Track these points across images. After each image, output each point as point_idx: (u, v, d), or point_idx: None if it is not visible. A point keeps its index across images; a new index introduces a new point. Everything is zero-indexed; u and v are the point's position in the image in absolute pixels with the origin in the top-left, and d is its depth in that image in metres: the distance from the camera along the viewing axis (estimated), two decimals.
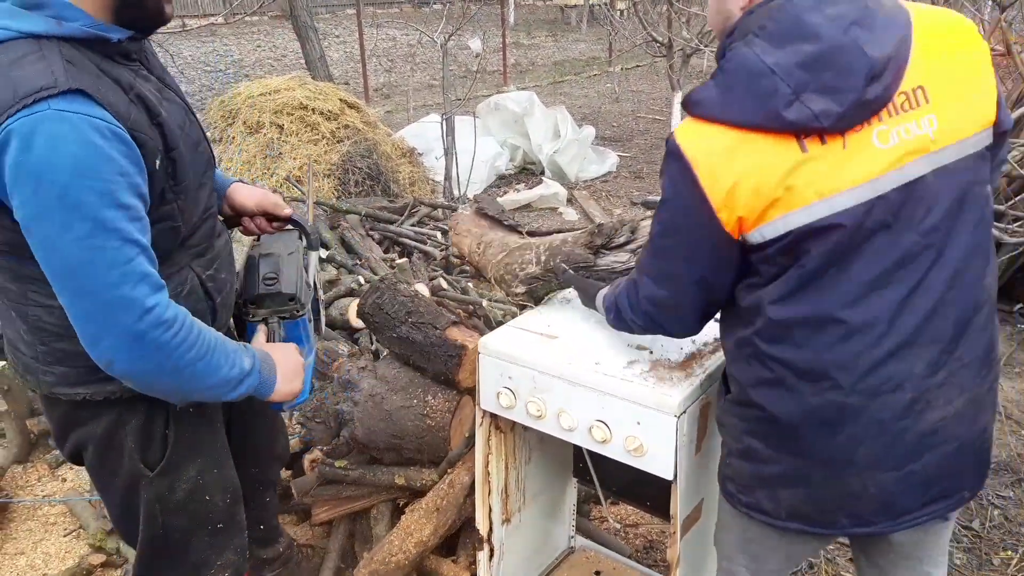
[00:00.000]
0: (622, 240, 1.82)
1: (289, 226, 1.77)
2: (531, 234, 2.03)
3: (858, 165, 1.17)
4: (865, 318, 1.20)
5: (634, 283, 1.43)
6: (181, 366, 1.28)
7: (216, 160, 1.66)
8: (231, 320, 1.68)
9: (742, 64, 1.18)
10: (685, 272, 1.30)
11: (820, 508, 1.31)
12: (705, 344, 1.67)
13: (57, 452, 2.94)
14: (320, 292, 1.65)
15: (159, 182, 1.31)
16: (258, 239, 1.77)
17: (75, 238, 1.15)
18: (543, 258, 1.88)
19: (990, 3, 5.46)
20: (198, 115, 1.58)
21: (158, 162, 1.28)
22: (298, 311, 1.60)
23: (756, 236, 1.20)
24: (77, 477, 2.88)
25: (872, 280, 1.19)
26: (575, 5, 17.76)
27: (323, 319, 1.69)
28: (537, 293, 1.93)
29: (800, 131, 1.15)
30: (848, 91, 1.13)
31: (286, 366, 1.50)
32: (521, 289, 1.91)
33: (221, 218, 1.68)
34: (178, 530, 1.58)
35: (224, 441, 1.67)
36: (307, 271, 1.66)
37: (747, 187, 1.17)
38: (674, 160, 1.22)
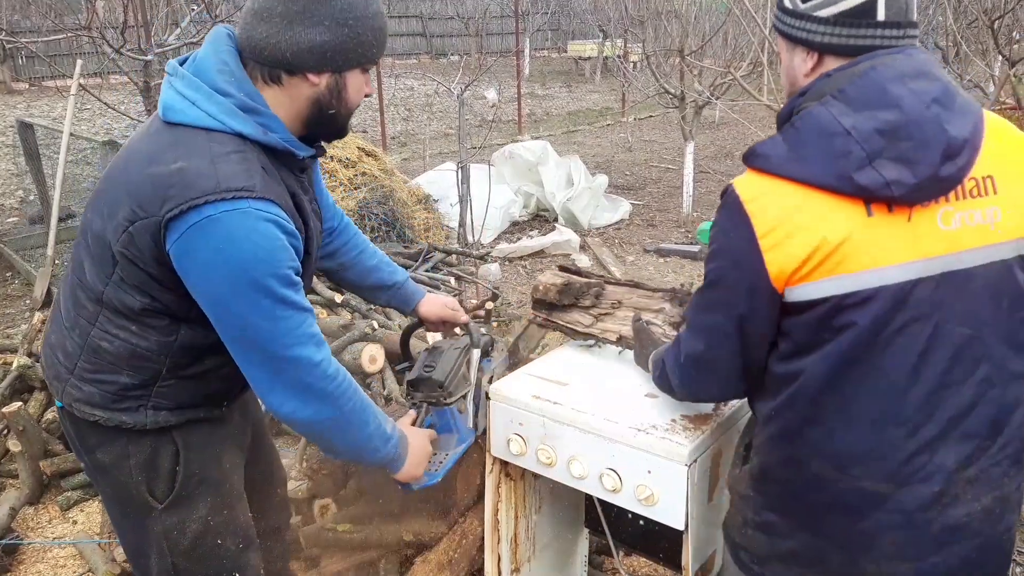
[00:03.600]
0: (587, 303, 1.94)
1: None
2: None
3: (918, 241, 1.15)
4: (902, 408, 1.18)
5: (678, 340, 1.42)
6: (340, 414, 1.48)
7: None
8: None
9: (816, 123, 1.16)
10: (724, 321, 1.27)
11: None
12: None
13: (69, 494, 2.95)
14: (482, 390, 1.82)
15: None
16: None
17: (262, 312, 1.37)
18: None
19: (1000, 58, 5.52)
20: None
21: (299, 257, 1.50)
22: (445, 399, 1.76)
23: (798, 294, 1.18)
24: (87, 520, 2.87)
25: (911, 369, 1.17)
26: (589, 57, 18.10)
27: (483, 416, 1.83)
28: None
29: (869, 196, 1.14)
30: (923, 164, 1.12)
31: (416, 451, 1.66)
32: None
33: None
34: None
35: (236, 484, 1.67)
36: (467, 367, 1.83)
37: (802, 241, 1.15)
38: (730, 209, 1.21)
